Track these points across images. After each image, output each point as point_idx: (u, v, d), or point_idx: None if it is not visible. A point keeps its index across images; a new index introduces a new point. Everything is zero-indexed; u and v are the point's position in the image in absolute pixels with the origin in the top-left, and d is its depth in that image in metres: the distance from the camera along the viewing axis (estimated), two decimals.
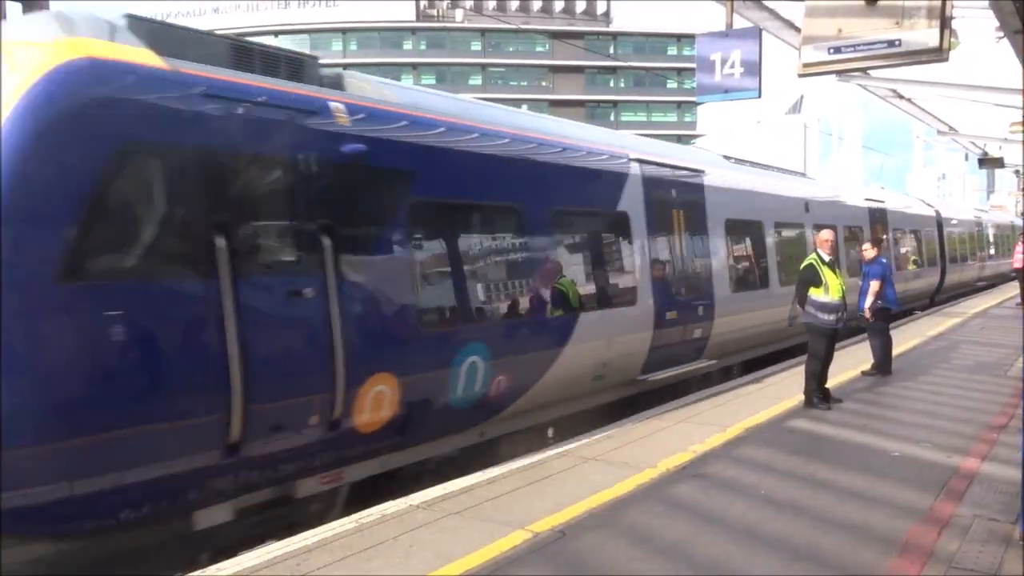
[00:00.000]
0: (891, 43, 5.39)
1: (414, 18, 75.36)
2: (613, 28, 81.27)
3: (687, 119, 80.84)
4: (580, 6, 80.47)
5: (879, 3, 5.47)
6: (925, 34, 5.30)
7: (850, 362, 11.37)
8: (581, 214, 9.15)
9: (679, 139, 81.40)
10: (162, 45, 5.25)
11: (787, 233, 14.37)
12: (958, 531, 5.14)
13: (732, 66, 5.90)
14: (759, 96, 5.95)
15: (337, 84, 6.63)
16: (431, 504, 5.92)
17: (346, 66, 73.04)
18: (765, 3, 9.93)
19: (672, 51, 76.68)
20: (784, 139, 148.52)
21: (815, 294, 8.97)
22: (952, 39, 7.77)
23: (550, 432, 8.57)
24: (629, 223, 9.40)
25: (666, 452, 7.14)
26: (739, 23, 9.61)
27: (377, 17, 73.12)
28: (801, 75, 5.85)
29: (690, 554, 4.91)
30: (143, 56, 5.10)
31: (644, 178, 9.60)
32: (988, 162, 20.07)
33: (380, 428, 6.38)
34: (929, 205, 24.46)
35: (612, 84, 79.69)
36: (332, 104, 6.08)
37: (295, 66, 6.23)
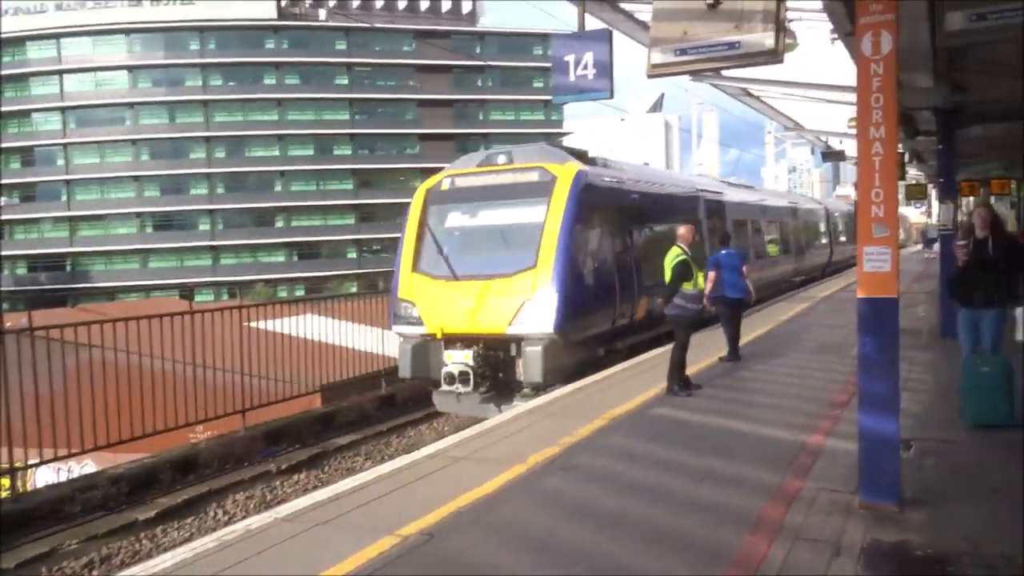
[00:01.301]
0: (731, 45, 5.66)
1: (275, 17, 73.25)
2: (479, 28, 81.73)
3: (554, 118, 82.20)
4: (446, 5, 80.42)
5: (720, 8, 5.73)
6: (762, 37, 5.59)
7: (709, 350, 11.89)
8: (703, 215, 17.07)
9: (546, 137, 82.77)
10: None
11: (777, 224, 23.70)
12: (805, 504, 5.48)
13: (585, 67, 6.05)
14: (611, 96, 6.12)
15: (598, 161, 13.77)
16: (297, 515, 5.80)
17: (204, 66, 70.26)
18: (620, 5, 10.23)
19: (538, 51, 77.71)
20: (647, 136, 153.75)
21: (686, 287, 9.41)
22: (789, 41, 8.25)
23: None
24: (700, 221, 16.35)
25: (536, 446, 7.26)
26: (596, 24, 9.93)
27: (236, 15, 70.68)
28: (650, 75, 6.06)
29: (558, 545, 5.01)
30: (580, 168, 12.04)
31: (720, 200, 18.85)
32: (830, 156, 21.40)
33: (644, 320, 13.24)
34: (819, 202, 34.21)
35: (480, 83, 79.97)
36: (625, 175, 14.31)
37: (584, 157, 13.20)
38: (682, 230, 9.82)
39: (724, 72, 13.36)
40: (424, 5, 79.07)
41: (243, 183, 72.27)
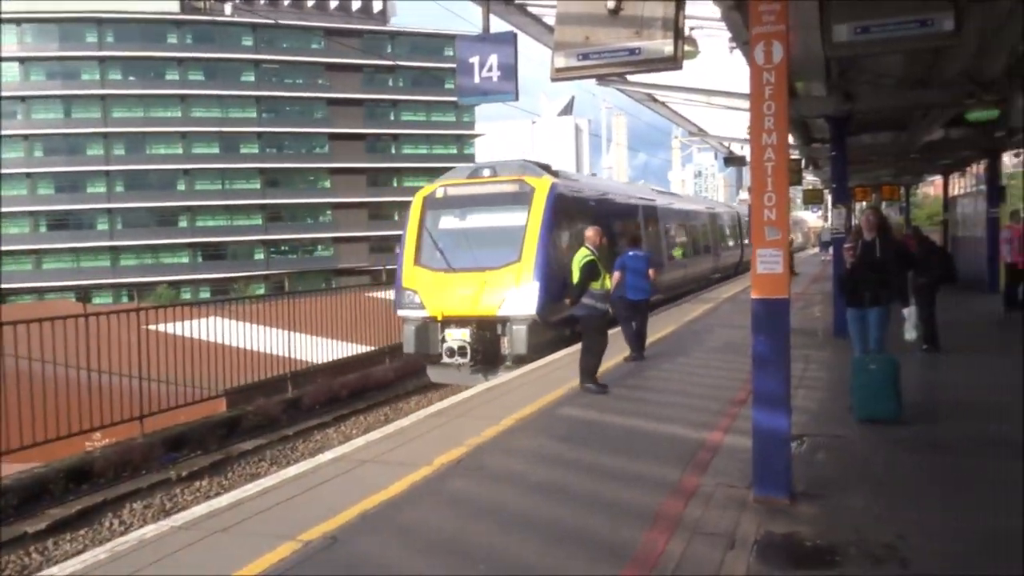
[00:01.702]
0: (632, 51, 5.77)
1: (178, 11, 70.91)
2: (390, 27, 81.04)
3: (466, 119, 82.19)
4: (356, 4, 79.48)
5: (621, 14, 5.84)
6: (661, 44, 5.72)
7: (612, 351, 12.07)
8: (651, 227, 20.65)
9: (458, 139, 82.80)
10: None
11: (690, 228, 25.69)
12: (702, 499, 5.62)
13: (490, 69, 6.06)
14: (516, 99, 6.15)
15: (561, 175, 16.15)
16: (195, 523, 5.62)
17: (102, 60, 67.30)
18: (527, 8, 10.31)
19: (449, 52, 77.45)
20: (558, 138, 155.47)
21: (594, 286, 9.55)
22: (690, 48, 8.50)
23: None
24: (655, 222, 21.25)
25: (442, 448, 7.23)
26: (504, 27, 9.97)
27: (137, 8, 68.04)
28: (554, 79, 6.12)
29: (463, 547, 5.00)
30: (553, 180, 14.42)
31: (653, 206, 21.72)
32: (732, 161, 22.08)
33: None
34: (730, 207, 38.39)
35: (391, 83, 79.25)
36: (582, 184, 17.60)
37: (550, 170, 15.41)
38: (589, 231, 10.02)
39: (629, 78, 13.65)
40: (334, 3, 77.94)
41: (144, 181, 69.66)
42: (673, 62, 5.71)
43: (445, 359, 13.68)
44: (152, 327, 12.08)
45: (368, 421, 14.03)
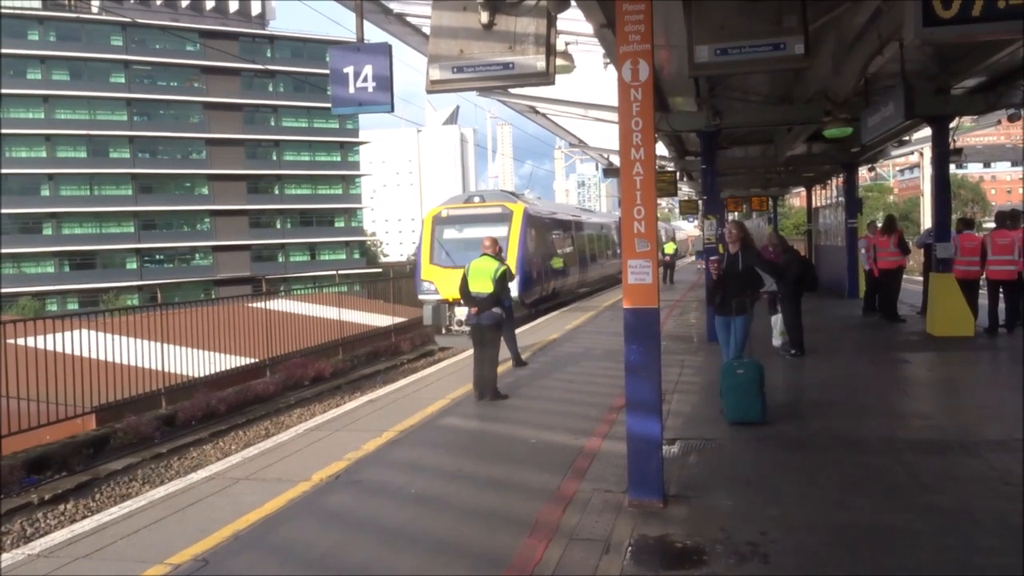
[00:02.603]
0: (506, 65, 5.86)
1: (39, 6, 66.92)
2: (269, 31, 79.13)
3: (349, 126, 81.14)
4: (233, 6, 77.21)
5: (494, 29, 5.93)
6: (534, 59, 5.83)
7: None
8: (578, 236, 28.15)
9: (341, 146, 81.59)
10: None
11: (600, 237, 32.76)
12: (580, 505, 5.74)
13: (365, 80, 6.01)
14: (391, 110, 6.12)
15: (525, 200, 23.73)
16: (54, 550, 5.33)
17: None
18: (406, 18, 10.30)
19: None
20: (443, 147, 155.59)
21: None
22: (565, 63, 8.69)
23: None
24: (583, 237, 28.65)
25: (321, 463, 7.11)
26: (382, 36, 9.92)
27: None
28: (430, 91, 6.15)
29: (339, 563, 4.93)
30: (524, 205, 21.77)
31: (580, 221, 29.54)
32: (611, 172, 22.57)
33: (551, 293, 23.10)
34: (672, 224, 51.92)
35: (271, 88, 77.29)
36: (540, 207, 25.57)
37: (521, 198, 24.38)
38: (487, 241, 10.12)
39: (510, 90, 13.82)
40: (210, 4, 75.44)
41: (3, 186, 65.24)
42: (545, 77, 5.83)
43: (454, 328, 20.10)
44: (13, 341, 11.36)
45: (247, 436, 13.61)
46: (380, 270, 68.40)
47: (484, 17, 5.87)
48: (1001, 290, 13.17)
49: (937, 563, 4.64)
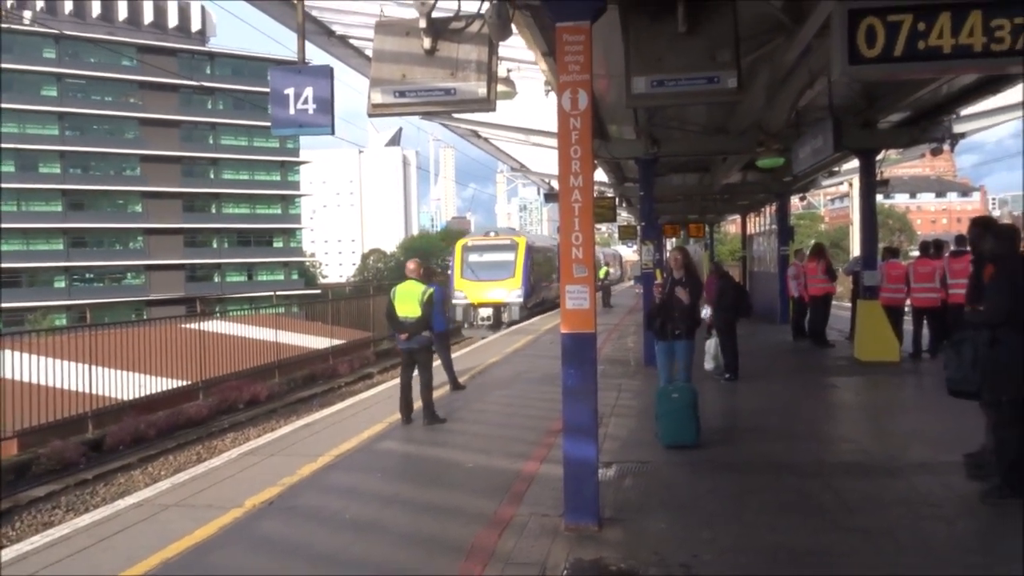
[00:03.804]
0: (447, 91, 5.93)
1: None
2: (210, 47, 78.06)
3: (290, 146, 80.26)
4: (173, 21, 75.99)
5: (437, 55, 5.99)
6: (475, 85, 5.91)
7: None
8: (552, 255, 33.79)
9: (282, 165, 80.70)
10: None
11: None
12: (517, 530, 5.74)
13: (306, 101, 5.99)
14: (332, 133, 6.11)
15: (525, 233, 37.73)
16: None
17: None
18: (350, 41, 10.29)
19: None
20: (386, 169, 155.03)
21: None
22: (506, 89, 8.77)
23: None
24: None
25: (254, 488, 6.98)
26: (325, 57, 9.90)
27: None
28: (371, 115, 6.17)
29: None
30: (526, 237, 32.93)
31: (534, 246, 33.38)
32: (552, 197, 22.82)
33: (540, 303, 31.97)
34: (612, 248, 57.15)
35: (210, 106, 76.07)
36: (535, 239, 36.81)
37: (523, 232, 39.60)
38: (411, 264, 10.08)
39: (454, 114, 13.89)
40: (148, 19, 74.10)
41: None
42: (486, 103, 5.91)
43: (479, 322, 29.07)
44: None
45: (178, 461, 13.27)
46: (319, 291, 67.54)
47: (427, 43, 5.93)
48: (925, 317, 13.65)
49: None
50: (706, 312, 11.30)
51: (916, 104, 12.23)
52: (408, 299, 9.63)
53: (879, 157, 14.77)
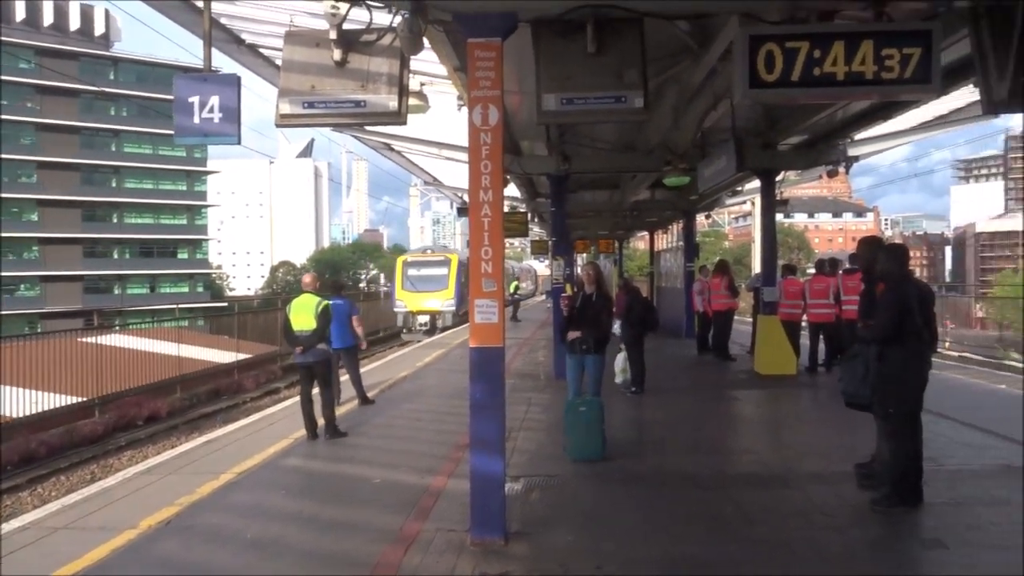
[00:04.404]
0: (358, 103, 5.87)
1: None
2: (114, 52, 75.24)
3: (197, 155, 78.02)
4: (74, 23, 72.96)
5: (347, 66, 5.93)
6: (386, 99, 5.87)
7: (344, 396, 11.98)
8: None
9: (188, 175, 78.33)
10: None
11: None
12: (423, 546, 5.70)
13: (212, 110, 5.83)
14: (239, 143, 5.96)
15: (456, 251, 38.48)
16: None
17: None
18: (259, 50, 10.10)
19: None
20: (297, 181, 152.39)
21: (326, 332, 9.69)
22: (418, 103, 8.77)
23: None
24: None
25: (150, 509, 6.71)
26: (233, 65, 9.68)
27: None
28: (279, 125, 6.06)
29: None
30: (457, 254, 35.59)
31: (464, 262, 33.06)
32: (465, 211, 22.88)
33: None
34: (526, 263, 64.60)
35: (113, 112, 73.22)
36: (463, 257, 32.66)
37: (452, 251, 39.93)
38: (307, 278, 10.06)
39: (366, 127, 13.79)
40: (48, 20, 70.93)
41: None
42: (397, 117, 5.89)
43: (417, 328, 32.59)
44: None
45: (70, 482, 12.67)
46: (225, 304, 65.70)
47: (337, 54, 5.87)
48: (820, 332, 14.22)
49: None
50: (616, 327, 11.48)
51: (813, 128, 12.77)
52: (303, 312, 9.50)
53: (779, 178, 15.37)
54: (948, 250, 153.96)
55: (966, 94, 10.18)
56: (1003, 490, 6.86)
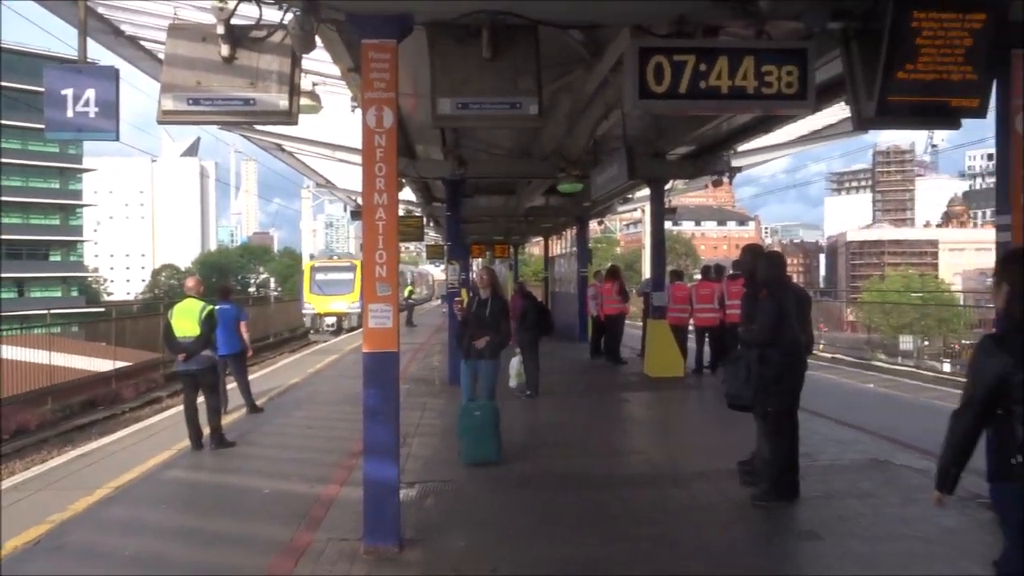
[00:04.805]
0: (247, 101, 5.68)
1: None
2: None
3: (72, 151, 74.04)
4: None
5: (235, 63, 5.73)
6: (276, 97, 5.71)
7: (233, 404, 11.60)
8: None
9: (61, 172, 74.22)
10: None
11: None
12: (314, 556, 5.56)
13: (87, 104, 5.52)
14: (116, 139, 5.66)
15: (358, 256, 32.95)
16: None
17: None
18: (141, 42, 9.66)
19: None
20: (182, 180, 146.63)
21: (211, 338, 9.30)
22: (310, 103, 8.58)
23: None
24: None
25: (16, 528, 6.26)
26: (112, 58, 9.21)
27: None
28: (161, 121, 5.79)
29: None
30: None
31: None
32: (359, 214, 22.50)
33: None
34: (415, 268, 64.87)
35: None
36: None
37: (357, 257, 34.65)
38: (191, 281, 9.73)
39: (256, 126, 13.40)
40: None
41: None
42: (288, 116, 5.74)
43: (324, 329, 34.36)
44: None
45: None
46: (102, 309, 62.55)
47: (224, 50, 5.66)
48: (706, 335, 14.72)
49: None
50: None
51: (700, 139, 13.22)
52: (186, 317, 9.14)
53: (668, 186, 15.83)
54: (822, 257, 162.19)
55: (838, 111, 10.75)
56: (869, 483, 7.27)
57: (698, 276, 16.59)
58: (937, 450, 3.44)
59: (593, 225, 27.21)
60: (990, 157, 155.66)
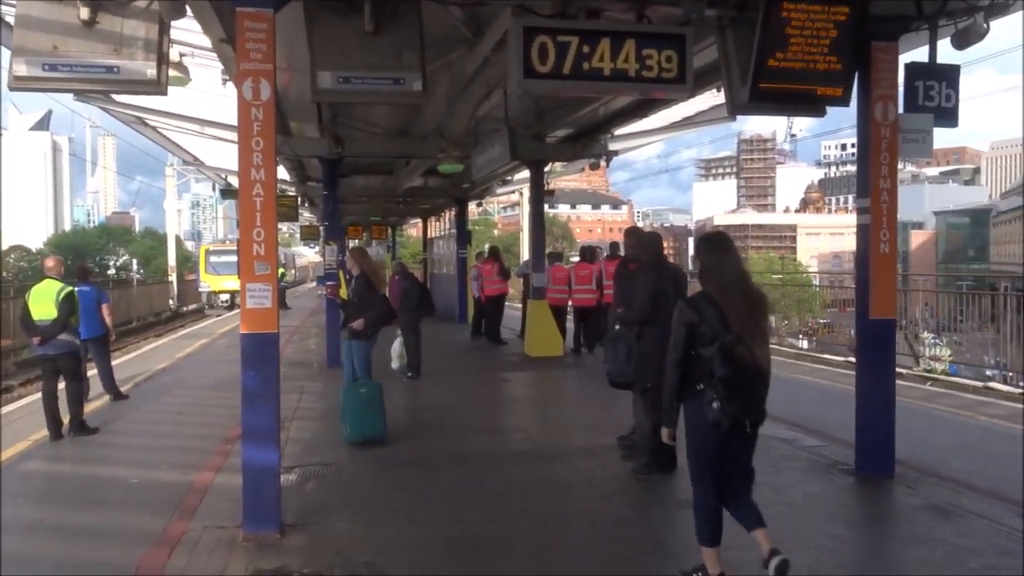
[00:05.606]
0: (109, 69, 5.35)
1: None
2: None
3: None
4: None
5: (97, 27, 5.39)
6: (143, 66, 5.41)
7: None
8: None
9: None
10: None
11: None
12: (189, 546, 5.33)
13: None
14: None
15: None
16: None
17: None
18: None
19: None
20: (30, 156, 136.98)
21: (71, 321, 8.81)
22: (178, 75, 8.16)
23: None
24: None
25: None
26: None
27: None
28: (12, 88, 5.37)
29: None
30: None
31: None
32: (229, 193, 21.70)
33: None
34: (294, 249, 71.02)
35: None
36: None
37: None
38: (50, 262, 9.15)
39: (116, 97, 12.65)
40: None
41: None
42: (156, 86, 5.46)
43: (219, 305, 38.17)
44: None
45: None
46: None
47: (84, 13, 5.32)
48: (584, 315, 15.04)
49: (534, 562, 5.11)
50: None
51: (579, 122, 13.43)
52: (43, 299, 8.59)
53: (547, 168, 16.01)
54: (691, 240, 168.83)
55: (710, 98, 11.15)
56: None
57: (576, 258, 16.90)
58: (800, 422, 3.65)
59: (472, 207, 27.23)
60: (843, 147, 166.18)
